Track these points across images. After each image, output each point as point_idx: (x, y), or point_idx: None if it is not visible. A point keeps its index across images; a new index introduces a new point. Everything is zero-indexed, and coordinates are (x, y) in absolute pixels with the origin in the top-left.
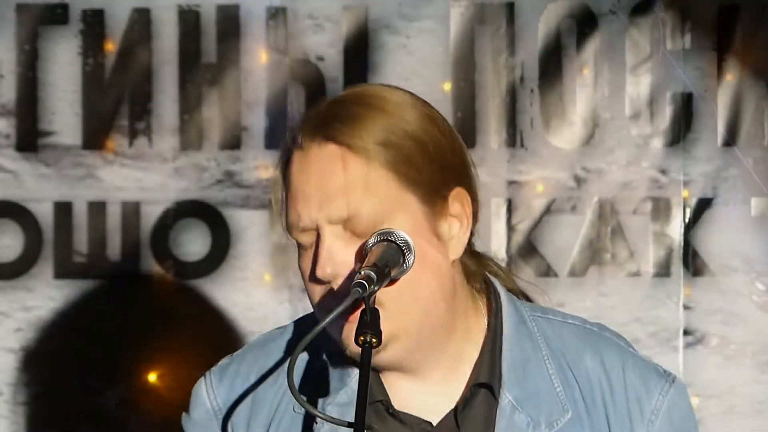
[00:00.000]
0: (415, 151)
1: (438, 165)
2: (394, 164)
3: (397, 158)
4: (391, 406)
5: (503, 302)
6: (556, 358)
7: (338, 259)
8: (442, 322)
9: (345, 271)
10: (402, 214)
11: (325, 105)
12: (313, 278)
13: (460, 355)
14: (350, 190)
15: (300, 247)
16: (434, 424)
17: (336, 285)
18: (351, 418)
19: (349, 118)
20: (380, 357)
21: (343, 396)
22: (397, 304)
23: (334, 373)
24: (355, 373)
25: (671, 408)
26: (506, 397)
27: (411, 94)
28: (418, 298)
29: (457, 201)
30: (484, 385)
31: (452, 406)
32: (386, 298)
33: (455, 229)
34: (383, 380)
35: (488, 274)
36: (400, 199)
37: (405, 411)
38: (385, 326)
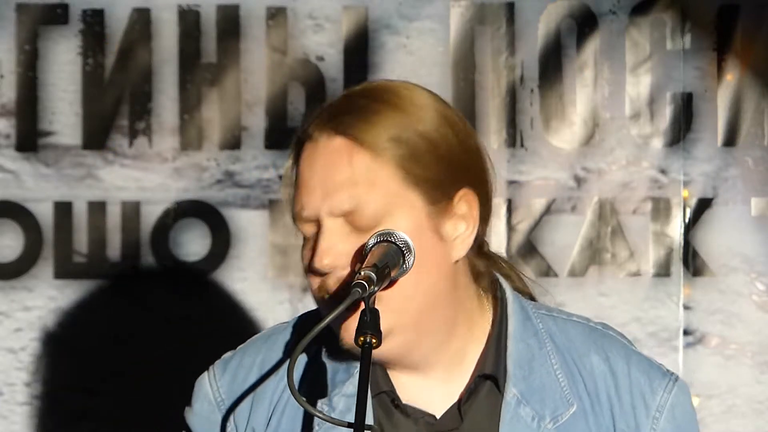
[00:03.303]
0: (424, 149)
1: (446, 164)
2: (401, 161)
3: (405, 155)
4: (397, 397)
5: (509, 301)
6: (561, 354)
7: (337, 250)
8: (443, 320)
9: (343, 264)
10: (404, 212)
11: (341, 98)
12: (311, 269)
13: (463, 352)
14: (354, 184)
15: (303, 237)
16: (438, 417)
17: (334, 277)
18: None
19: (361, 112)
20: (378, 352)
21: (349, 387)
22: (393, 301)
23: (339, 366)
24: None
25: (674, 405)
26: (511, 391)
27: (429, 92)
28: (414, 296)
29: (464, 201)
30: (489, 377)
31: (456, 399)
32: (384, 294)
33: (460, 230)
34: (389, 372)
35: (497, 274)
36: (403, 197)
37: (409, 404)
38: (382, 322)
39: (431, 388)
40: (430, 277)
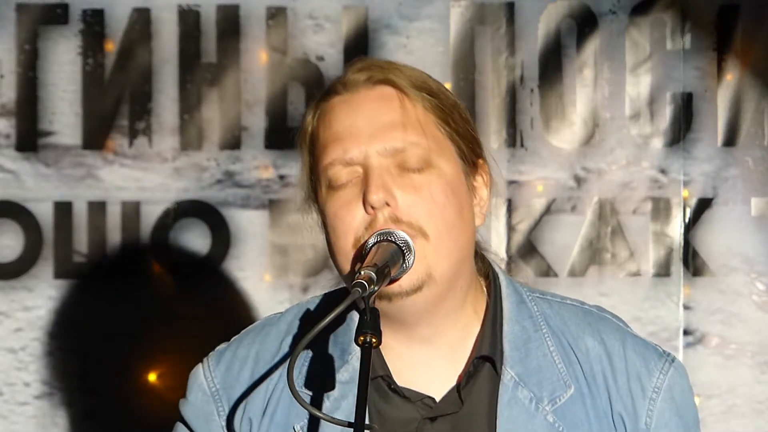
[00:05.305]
0: (453, 108)
1: (469, 127)
2: (440, 113)
3: (443, 109)
4: (393, 381)
5: (502, 282)
6: (556, 337)
7: (389, 187)
8: (464, 284)
9: (393, 203)
10: (446, 160)
11: (356, 64)
12: (348, 212)
13: (466, 330)
14: (404, 126)
15: (333, 187)
16: (437, 399)
17: (383, 216)
18: (354, 395)
19: (392, 69)
20: (414, 299)
21: (344, 374)
22: (439, 249)
23: (333, 352)
24: (354, 349)
25: (672, 386)
26: (509, 373)
27: None
28: (453, 250)
29: (483, 170)
30: (487, 358)
31: (455, 381)
32: (430, 242)
33: (482, 195)
34: (385, 355)
35: (487, 256)
36: (445, 146)
37: (406, 386)
38: (425, 261)
39: (431, 369)
40: (467, 231)
